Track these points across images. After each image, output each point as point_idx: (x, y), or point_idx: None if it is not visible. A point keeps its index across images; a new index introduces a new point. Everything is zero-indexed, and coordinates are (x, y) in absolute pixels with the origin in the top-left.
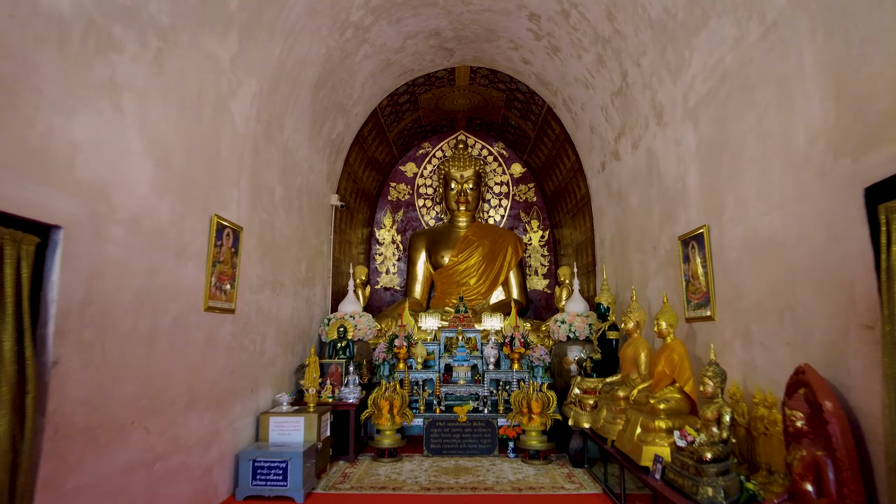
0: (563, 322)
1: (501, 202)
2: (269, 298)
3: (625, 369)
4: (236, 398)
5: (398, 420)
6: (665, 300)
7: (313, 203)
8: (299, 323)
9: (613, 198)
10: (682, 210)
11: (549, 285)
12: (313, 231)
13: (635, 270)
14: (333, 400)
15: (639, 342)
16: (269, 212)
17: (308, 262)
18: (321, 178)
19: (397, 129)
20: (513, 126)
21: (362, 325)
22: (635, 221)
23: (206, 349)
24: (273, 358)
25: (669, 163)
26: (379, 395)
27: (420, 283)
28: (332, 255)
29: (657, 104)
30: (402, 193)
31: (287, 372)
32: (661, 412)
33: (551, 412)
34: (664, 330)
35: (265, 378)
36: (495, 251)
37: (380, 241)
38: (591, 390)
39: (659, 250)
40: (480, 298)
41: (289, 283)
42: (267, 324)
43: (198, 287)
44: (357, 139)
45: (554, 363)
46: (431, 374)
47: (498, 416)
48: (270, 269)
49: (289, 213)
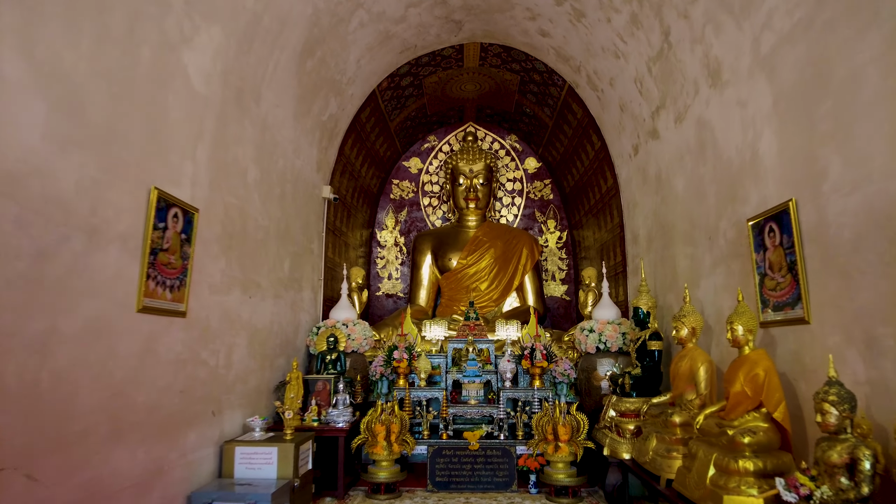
0: (591, 331)
1: (514, 200)
2: (239, 301)
3: (677, 387)
4: (190, 425)
5: (396, 448)
6: (740, 297)
7: (300, 193)
8: (281, 331)
9: (650, 185)
10: (751, 186)
11: (569, 291)
12: (300, 225)
13: (682, 268)
14: (319, 424)
15: (696, 354)
16: (239, 196)
17: (293, 261)
18: (310, 165)
19: (399, 117)
20: (527, 115)
21: (357, 334)
22: (682, 209)
23: (142, 362)
24: (244, 373)
25: (731, 131)
26: (373, 418)
27: (425, 288)
28: (325, 255)
29: (712, 61)
30: (405, 191)
31: (264, 390)
32: (746, 447)
33: (582, 439)
34: (740, 337)
35: (233, 398)
36: (509, 253)
37: (381, 244)
38: (630, 413)
39: (717, 240)
40: (492, 305)
41: (267, 284)
42: (236, 332)
43: (126, 280)
44: (354, 126)
45: (581, 379)
46: (437, 393)
47: (517, 443)
48: (240, 265)
49: (267, 201)
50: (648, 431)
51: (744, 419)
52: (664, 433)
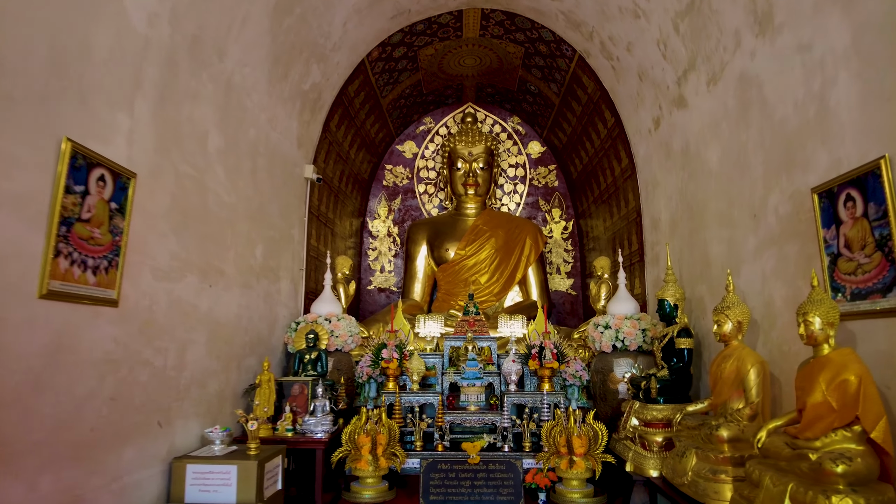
0: (606, 327)
1: (517, 188)
2: (196, 290)
3: (719, 393)
4: (125, 440)
5: (384, 463)
6: (815, 282)
7: (277, 171)
8: (252, 327)
9: (674, 161)
10: (818, 148)
11: (575, 285)
12: (277, 207)
13: (716, 254)
14: (294, 434)
15: (744, 354)
16: (196, 165)
17: (268, 247)
18: (289, 140)
19: (392, 94)
20: (532, 93)
21: (341, 330)
22: (716, 186)
23: (51, 363)
24: (202, 376)
25: (787, 84)
26: (357, 427)
27: (420, 282)
28: (308, 243)
29: (760, 5)
30: (399, 178)
31: (229, 395)
32: (839, 478)
33: (600, 452)
34: (818, 333)
35: (187, 406)
36: (511, 243)
37: (373, 234)
38: (657, 422)
39: (764, 218)
40: (493, 300)
41: (234, 272)
42: (191, 326)
43: (24, 257)
44: (341, 99)
45: (595, 382)
46: (431, 397)
47: (523, 456)
48: (199, 247)
49: (234, 175)
50: (684, 446)
51: (829, 439)
52: (707, 450)
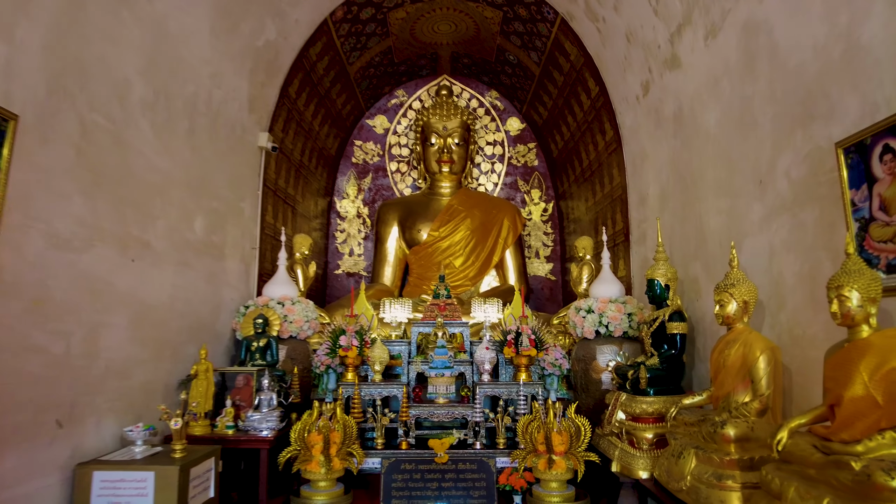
0: (589, 311)
1: (494, 167)
2: (111, 263)
3: (724, 384)
4: (4, 445)
5: (338, 465)
6: (850, 248)
7: (223, 135)
8: (191, 311)
9: (665, 129)
10: (844, 94)
11: (554, 270)
12: (224, 177)
13: (713, 227)
14: (235, 432)
15: (751, 339)
16: (112, 117)
17: (211, 221)
18: (238, 102)
19: (361, 62)
20: (511, 63)
21: (296, 315)
22: (714, 151)
23: None
24: (124, 366)
25: (804, 25)
26: (307, 424)
27: (391, 265)
28: (264, 220)
29: None
30: (369, 154)
31: (160, 388)
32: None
33: (582, 450)
34: (855, 311)
35: (101, 400)
36: (488, 225)
37: (341, 215)
38: (647, 416)
39: (773, 183)
40: (468, 285)
41: (165, 247)
42: (105, 307)
43: None
44: (301, 62)
45: (576, 371)
46: (395, 389)
47: (497, 454)
48: (115, 213)
49: (166, 135)
50: (681, 445)
51: (875, 443)
52: (709, 450)
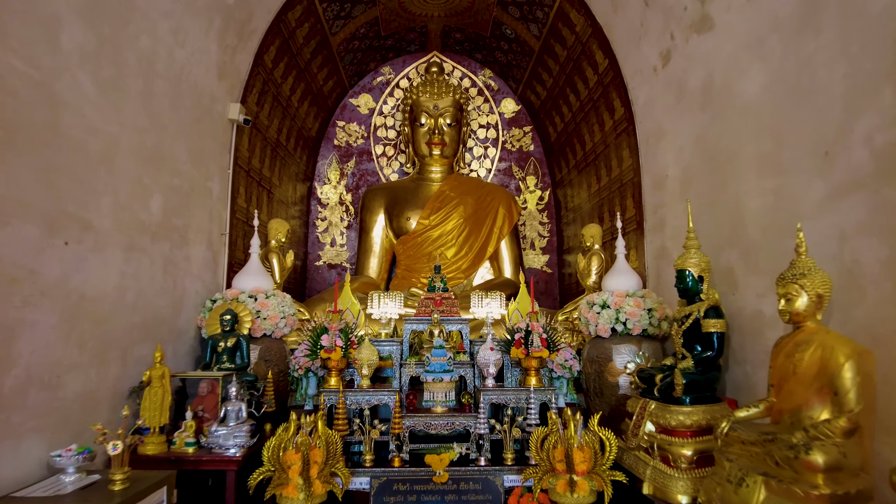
0: (604, 306)
1: (487, 151)
2: (34, 246)
3: (792, 395)
4: None
5: (320, 488)
6: None
7: (186, 102)
8: (146, 305)
9: (690, 102)
10: None
11: (550, 262)
12: (185, 149)
13: (754, 211)
14: (197, 450)
15: (831, 341)
16: (36, 62)
17: (170, 200)
18: (205, 66)
19: (344, 32)
20: (507, 38)
21: (271, 310)
22: (756, 123)
23: None
24: (51, 372)
25: None
26: (282, 441)
27: (376, 255)
28: (234, 202)
29: None
30: (353, 137)
31: (104, 399)
32: None
33: (606, 468)
34: None
35: (18, 418)
36: (481, 212)
37: (322, 202)
38: (684, 429)
39: (845, 154)
40: (461, 277)
41: (110, 227)
42: (24, 300)
43: None
44: (278, 27)
45: (588, 374)
46: (386, 396)
47: (504, 471)
48: (41, 183)
49: (114, 94)
50: (741, 470)
51: None
52: (786, 480)
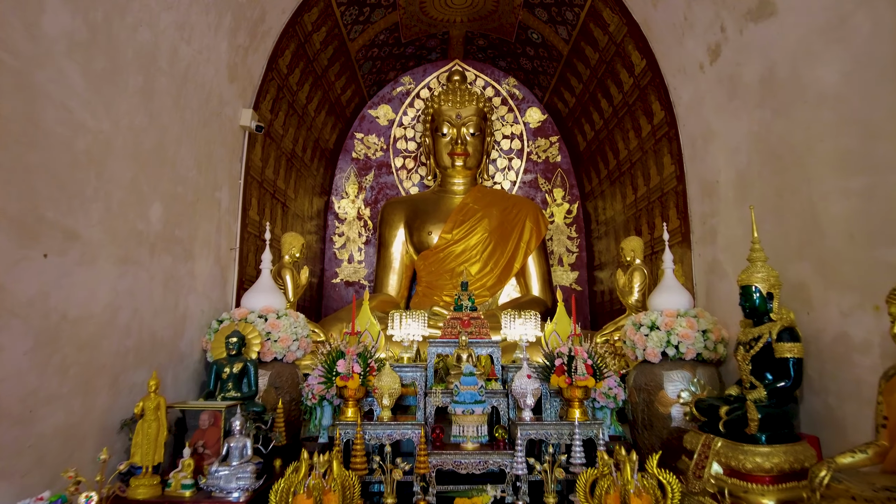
0: (653, 327)
1: (512, 163)
2: (6, 260)
3: None
4: None
5: None
6: None
7: (194, 105)
8: (142, 325)
9: (747, 98)
10: None
11: (580, 279)
12: (191, 155)
13: (835, 216)
14: (194, 493)
15: None
16: (13, 48)
17: (172, 209)
18: (214, 66)
19: (363, 38)
20: (534, 43)
21: (282, 331)
22: (836, 115)
23: None
24: (22, 405)
25: None
26: (292, 484)
27: (396, 272)
28: (245, 214)
29: None
30: (372, 149)
31: (91, 435)
32: None
33: None
34: None
35: None
36: (507, 226)
37: (340, 217)
38: (762, 474)
39: None
40: (486, 295)
41: (101, 238)
42: None
43: None
44: (293, 29)
45: (635, 403)
46: (409, 431)
47: None
48: (18, 187)
49: (108, 89)
50: None
51: None
52: None
